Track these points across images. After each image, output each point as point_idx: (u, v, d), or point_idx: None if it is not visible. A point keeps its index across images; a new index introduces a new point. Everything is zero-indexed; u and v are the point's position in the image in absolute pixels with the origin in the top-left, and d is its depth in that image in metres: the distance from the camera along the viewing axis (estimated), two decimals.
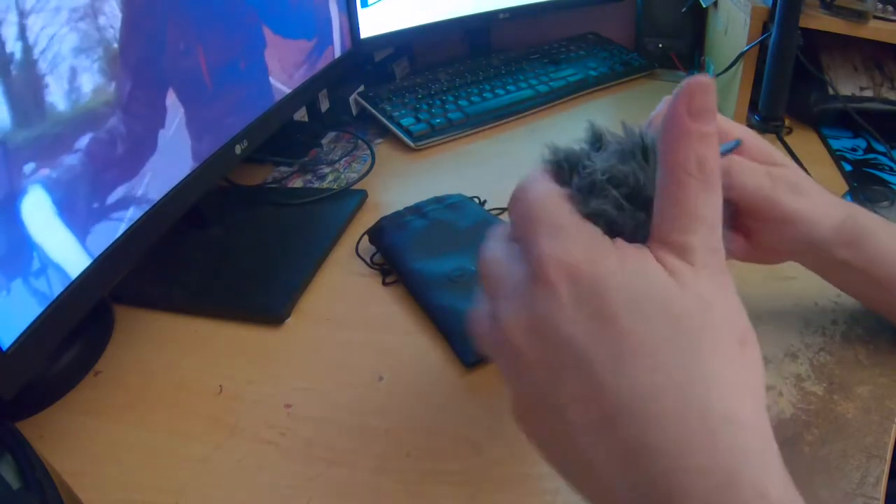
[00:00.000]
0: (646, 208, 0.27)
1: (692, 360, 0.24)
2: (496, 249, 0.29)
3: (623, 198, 0.27)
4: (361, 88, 0.95)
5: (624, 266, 0.25)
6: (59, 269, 0.43)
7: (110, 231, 0.47)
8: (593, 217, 0.27)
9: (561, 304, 0.25)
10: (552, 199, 0.28)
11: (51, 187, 0.42)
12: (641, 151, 0.28)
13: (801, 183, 0.44)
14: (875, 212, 0.46)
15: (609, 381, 0.24)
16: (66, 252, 0.44)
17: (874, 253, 0.44)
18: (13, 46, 0.38)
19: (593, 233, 0.26)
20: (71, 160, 0.43)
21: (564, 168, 0.29)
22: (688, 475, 0.22)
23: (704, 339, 0.24)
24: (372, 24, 0.89)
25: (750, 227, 0.45)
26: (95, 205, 0.46)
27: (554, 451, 0.27)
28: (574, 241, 0.26)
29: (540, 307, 0.26)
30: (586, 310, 0.25)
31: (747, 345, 0.25)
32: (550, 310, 0.25)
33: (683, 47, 1.03)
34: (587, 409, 0.24)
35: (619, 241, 0.26)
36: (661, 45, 1.05)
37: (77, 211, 0.44)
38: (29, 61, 0.39)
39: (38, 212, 0.41)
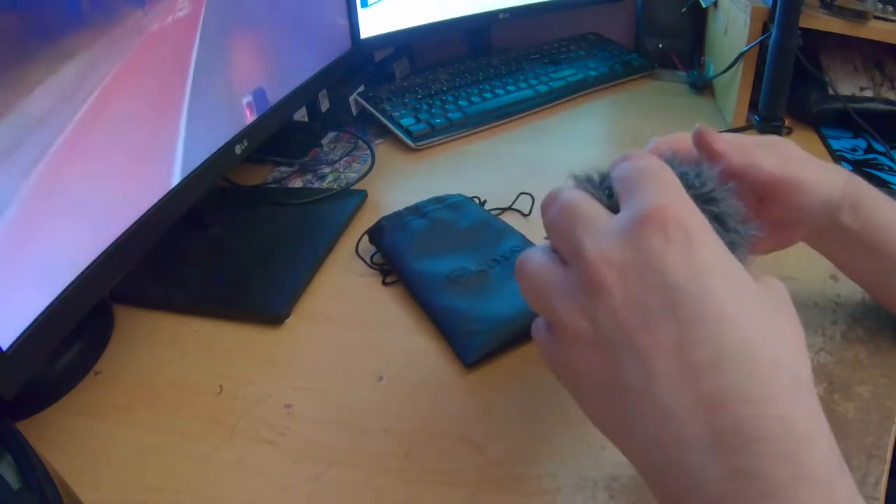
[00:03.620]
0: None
1: (777, 325, 0.27)
2: (535, 259, 0.31)
3: None
4: (361, 88, 0.95)
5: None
6: (59, 269, 0.43)
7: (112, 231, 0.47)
8: None
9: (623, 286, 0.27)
10: (584, 197, 0.30)
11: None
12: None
13: (802, 154, 0.46)
14: None
15: (708, 330, 0.25)
16: (67, 251, 0.44)
17: (873, 218, 0.45)
18: None
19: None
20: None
21: (594, 179, 0.32)
22: (772, 422, 0.24)
23: (783, 310, 0.28)
24: (372, 24, 0.89)
25: (763, 207, 0.46)
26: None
27: (620, 408, 0.27)
28: (609, 233, 0.28)
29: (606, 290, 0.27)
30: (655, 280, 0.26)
31: (801, 327, 0.29)
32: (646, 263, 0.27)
33: (683, 47, 1.03)
34: (678, 355, 0.25)
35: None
36: (661, 45, 1.05)
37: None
38: None
39: (39, 211, 0.41)
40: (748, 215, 0.32)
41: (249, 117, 0.64)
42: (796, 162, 0.45)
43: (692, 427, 0.24)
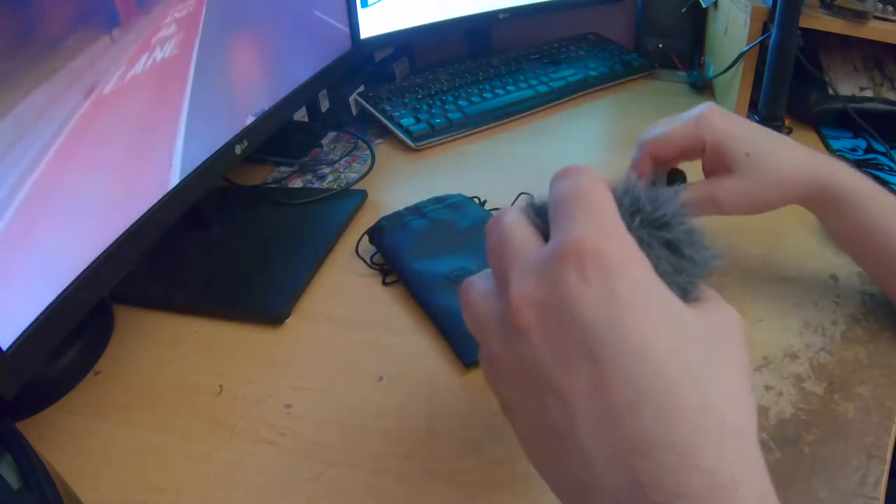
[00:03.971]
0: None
1: (710, 366, 0.24)
2: (476, 288, 0.29)
3: None
4: (361, 88, 0.95)
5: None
6: (59, 269, 0.43)
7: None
8: None
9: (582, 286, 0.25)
10: (520, 224, 0.29)
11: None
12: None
13: (759, 170, 0.49)
14: None
15: (627, 371, 0.24)
16: (67, 251, 0.44)
17: (856, 215, 0.48)
18: None
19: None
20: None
21: (536, 204, 0.30)
22: (695, 475, 0.22)
23: (725, 346, 0.26)
24: (372, 24, 0.89)
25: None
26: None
27: (547, 448, 0.26)
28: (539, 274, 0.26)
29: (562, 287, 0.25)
30: (604, 295, 0.24)
31: (747, 362, 0.27)
32: (569, 291, 0.25)
33: (683, 47, 1.03)
34: (596, 398, 0.24)
35: None
36: (661, 45, 1.05)
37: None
38: None
39: (39, 211, 0.41)
40: (708, 240, 0.30)
41: (249, 118, 0.64)
42: (756, 183, 0.49)
43: (614, 475, 0.23)
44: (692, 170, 0.53)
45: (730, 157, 0.49)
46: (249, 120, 0.64)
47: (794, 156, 0.50)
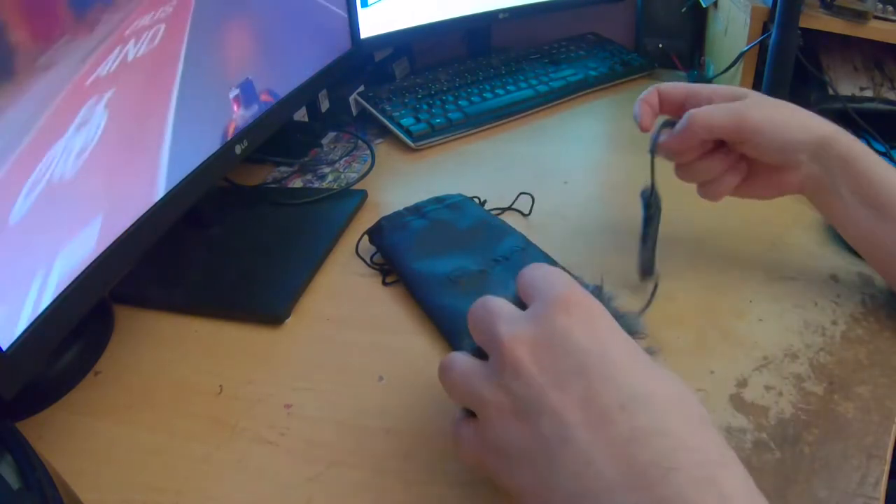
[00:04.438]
0: None
1: (673, 379, 0.31)
2: (459, 360, 0.35)
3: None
4: (361, 88, 0.95)
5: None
6: (59, 269, 0.43)
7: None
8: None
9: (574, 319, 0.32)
10: (501, 301, 0.36)
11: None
12: None
13: (770, 100, 0.50)
14: None
15: (616, 380, 0.29)
16: (67, 251, 0.44)
17: (868, 173, 0.47)
18: None
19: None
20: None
21: (510, 294, 0.38)
22: (688, 453, 0.26)
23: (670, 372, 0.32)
24: (372, 24, 0.89)
25: (750, 152, 0.51)
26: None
27: (541, 464, 0.29)
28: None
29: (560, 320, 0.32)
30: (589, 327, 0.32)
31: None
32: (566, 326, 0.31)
33: (683, 47, 1.04)
34: (588, 404, 0.29)
35: None
36: (661, 45, 1.05)
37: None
38: None
39: (40, 210, 0.41)
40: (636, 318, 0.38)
41: (248, 117, 0.64)
42: (755, 106, 0.49)
43: (613, 466, 0.27)
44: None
45: (742, 91, 0.51)
46: (248, 118, 0.64)
47: (802, 109, 0.51)
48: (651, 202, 0.52)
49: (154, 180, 0.52)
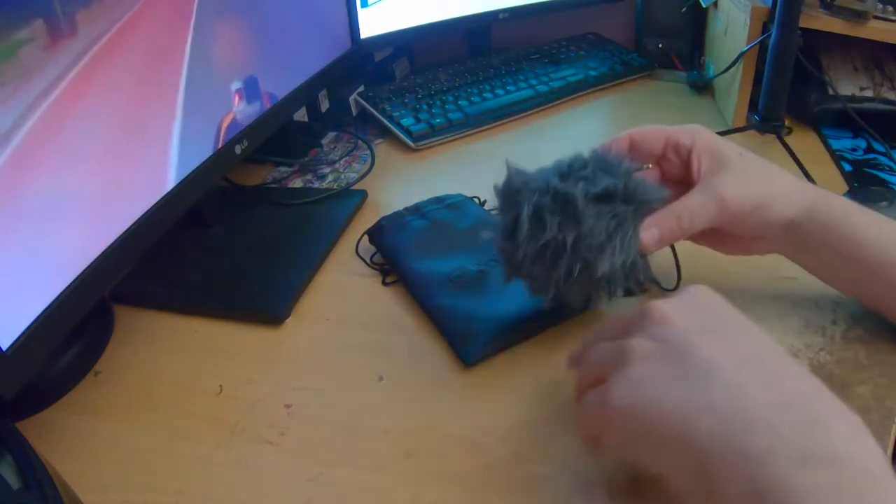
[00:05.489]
0: None
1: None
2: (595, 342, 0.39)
3: None
4: (361, 88, 0.95)
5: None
6: (59, 269, 0.43)
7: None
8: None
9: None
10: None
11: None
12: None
13: (748, 167, 0.47)
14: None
15: (763, 348, 0.34)
16: (67, 251, 0.44)
17: (854, 236, 0.46)
18: None
19: None
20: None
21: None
22: (843, 413, 0.30)
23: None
24: (372, 24, 0.89)
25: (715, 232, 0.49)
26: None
27: (684, 387, 0.31)
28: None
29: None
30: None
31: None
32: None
33: (683, 47, 1.03)
34: (738, 350, 0.33)
35: None
36: (661, 45, 1.05)
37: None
38: None
39: (39, 210, 0.41)
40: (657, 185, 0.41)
41: (250, 114, 0.64)
42: (762, 177, 0.47)
43: (764, 392, 0.30)
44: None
45: (723, 154, 0.47)
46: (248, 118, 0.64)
47: (784, 173, 0.48)
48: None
49: (159, 177, 0.52)
